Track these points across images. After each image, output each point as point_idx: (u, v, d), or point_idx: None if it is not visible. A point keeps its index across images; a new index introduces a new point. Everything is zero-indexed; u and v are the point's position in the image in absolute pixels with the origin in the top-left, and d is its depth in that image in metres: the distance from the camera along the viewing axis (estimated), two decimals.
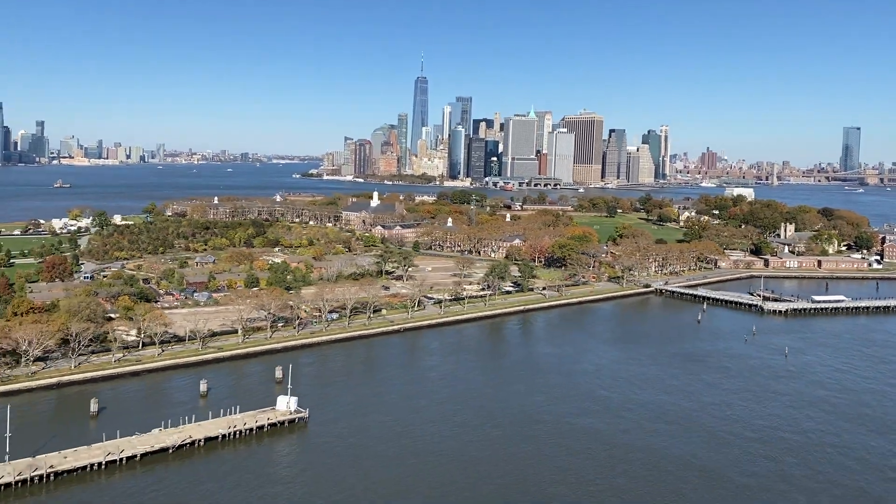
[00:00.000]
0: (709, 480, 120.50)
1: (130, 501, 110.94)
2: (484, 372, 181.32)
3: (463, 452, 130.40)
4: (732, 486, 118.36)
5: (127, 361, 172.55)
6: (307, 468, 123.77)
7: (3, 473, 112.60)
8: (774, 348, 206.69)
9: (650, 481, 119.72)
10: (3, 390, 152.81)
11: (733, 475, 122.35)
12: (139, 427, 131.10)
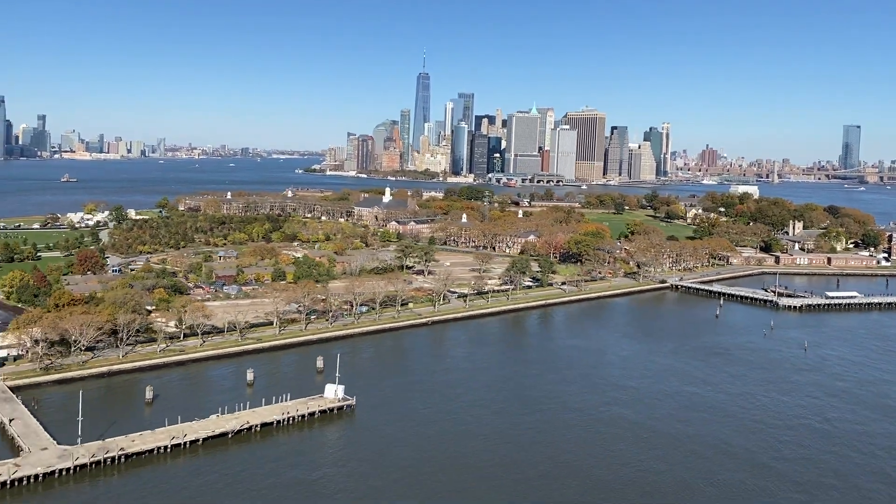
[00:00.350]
0: (744, 465, 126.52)
1: (197, 482, 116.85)
2: (514, 363, 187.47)
3: (505, 435, 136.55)
4: (767, 471, 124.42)
5: (171, 351, 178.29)
6: (359, 451, 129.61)
7: (78, 455, 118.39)
8: (793, 342, 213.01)
9: (688, 466, 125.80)
10: (58, 378, 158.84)
11: (767, 460, 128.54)
12: (193, 413, 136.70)
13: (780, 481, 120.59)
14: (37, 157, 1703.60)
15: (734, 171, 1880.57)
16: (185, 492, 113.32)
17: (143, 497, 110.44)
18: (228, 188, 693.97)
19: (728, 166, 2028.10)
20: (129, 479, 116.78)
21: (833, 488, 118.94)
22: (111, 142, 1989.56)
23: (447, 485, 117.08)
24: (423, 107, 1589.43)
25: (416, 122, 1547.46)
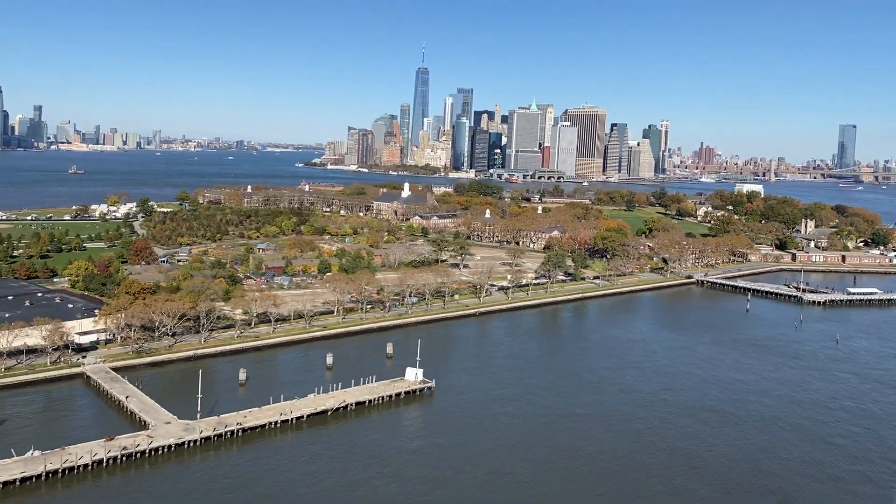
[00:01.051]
0: (813, 441, 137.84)
1: (309, 450, 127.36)
2: (569, 351, 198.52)
3: (576, 413, 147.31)
4: (833, 447, 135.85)
5: (247, 337, 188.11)
6: (448, 426, 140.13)
7: (201, 428, 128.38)
8: (824, 335, 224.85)
9: (768, 438, 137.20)
10: (150, 361, 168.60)
11: (830, 437, 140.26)
12: (284, 393, 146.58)
13: (848, 458, 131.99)
14: (34, 148, 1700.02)
15: (731, 170, 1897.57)
16: (300, 460, 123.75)
17: (261, 466, 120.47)
18: (234, 181, 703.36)
19: (724, 164, 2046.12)
20: (247, 451, 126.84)
21: (889, 459, 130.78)
22: (106, 133, 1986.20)
23: (535, 457, 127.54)
24: (421, 102, 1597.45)
25: (415, 117, 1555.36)
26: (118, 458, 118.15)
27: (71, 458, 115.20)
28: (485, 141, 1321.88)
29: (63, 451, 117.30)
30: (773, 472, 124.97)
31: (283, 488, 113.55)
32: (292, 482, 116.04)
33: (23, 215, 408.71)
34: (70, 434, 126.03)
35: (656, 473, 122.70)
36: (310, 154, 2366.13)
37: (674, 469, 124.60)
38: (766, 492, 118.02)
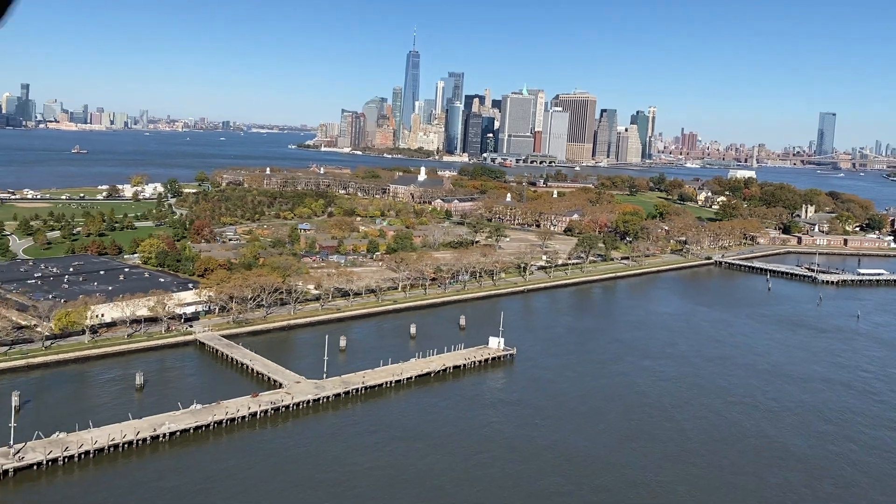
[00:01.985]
0: (858, 394, 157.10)
1: (426, 404, 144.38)
2: (622, 326, 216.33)
3: (646, 374, 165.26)
4: (876, 398, 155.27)
5: (328, 310, 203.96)
6: (531, 386, 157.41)
7: (329, 387, 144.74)
8: (844, 312, 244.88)
9: (826, 398, 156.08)
10: (249, 330, 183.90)
11: (870, 391, 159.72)
12: (381, 359, 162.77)
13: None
14: (22, 126, 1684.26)
15: (714, 156, 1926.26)
16: (422, 410, 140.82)
17: (382, 418, 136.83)
18: (233, 162, 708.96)
19: (706, 150, 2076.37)
20: (369, 407, 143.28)
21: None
22: (94, 113, 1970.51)
23: (617, 413, 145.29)
24: (412, 85, 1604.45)
25: (406, 101, 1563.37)
26: (268, 411, 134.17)
27: (230, 411, 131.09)
28: (478, 125, 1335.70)
29: (219, 405, 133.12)
30: None
31: (419, 430, 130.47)
32: (422, 425, 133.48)
33: (56, 195, 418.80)
34: (212, 391, 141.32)
35: (751, 428, 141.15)
36: (295, 136, 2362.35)
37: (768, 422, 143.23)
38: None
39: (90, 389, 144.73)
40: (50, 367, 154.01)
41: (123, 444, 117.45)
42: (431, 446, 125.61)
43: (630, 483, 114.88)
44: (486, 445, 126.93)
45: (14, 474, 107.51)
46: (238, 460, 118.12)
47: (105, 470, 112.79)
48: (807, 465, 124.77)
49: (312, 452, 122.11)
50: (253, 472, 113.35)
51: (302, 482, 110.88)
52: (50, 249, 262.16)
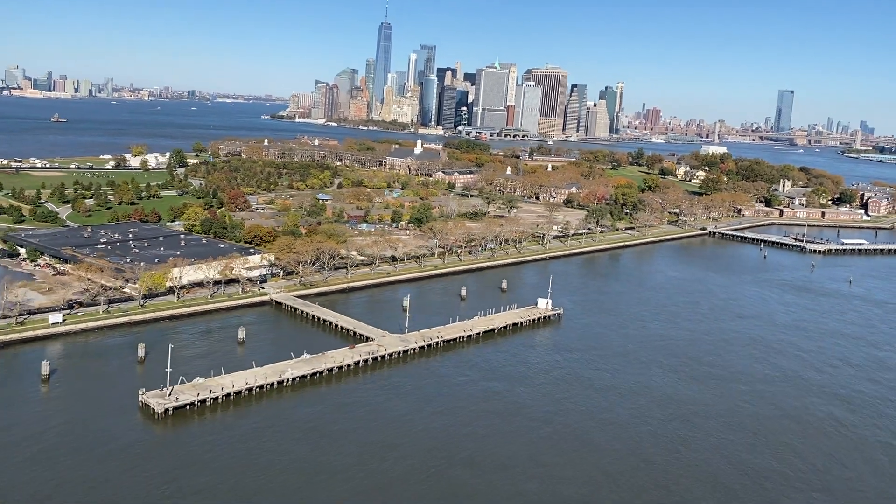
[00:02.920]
0: (866, 345, 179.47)
1: (482, 359, 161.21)
2: (644, 288, 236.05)
3: (679, 330, 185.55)
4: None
5: (379, 274, 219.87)
6: (582, 339, 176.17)
7: (413, 340, 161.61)
8: (837, 277, 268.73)
9: (849, 351, 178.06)
10: (316, 291, 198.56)
11: (878, 342, 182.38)
12: (441, 319, 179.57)
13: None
14: None
15: (677, 131, 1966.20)
16: (490, 359, 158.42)
17: (461, 367, 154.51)
18: (215, 133, 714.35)
19: (668, 125, 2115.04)
20: (447, 358, 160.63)
21: None
22: (57, 80, 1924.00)
23: (656, 360, 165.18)
24: (384, 57, 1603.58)
25: (378, 73, 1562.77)
26: (367, 360, 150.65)
27: (336, 360, 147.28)
28: (452, 98, 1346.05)
29: (324, 356, 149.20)
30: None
31: (503, 372, 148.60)
32: (504, 367, 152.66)
33: (63, 163, 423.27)
34: (305, 344, 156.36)
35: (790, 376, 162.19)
36: (262, 106, 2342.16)
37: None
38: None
39: (198, 342, 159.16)
40: (149, 323, 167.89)
41: (255, 388, 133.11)
42: (517, 383, 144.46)
43: (693, 410, 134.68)
44: (566, 382, 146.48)
45: (172, 412, 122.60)
46: (360, 395, 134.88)
47: (245, 408, 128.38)
48: (838, 398, 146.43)
49: (420, 389, 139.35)
50: (374, 405, 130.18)
51: (418, 411, 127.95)
52: (91, 217, 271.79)
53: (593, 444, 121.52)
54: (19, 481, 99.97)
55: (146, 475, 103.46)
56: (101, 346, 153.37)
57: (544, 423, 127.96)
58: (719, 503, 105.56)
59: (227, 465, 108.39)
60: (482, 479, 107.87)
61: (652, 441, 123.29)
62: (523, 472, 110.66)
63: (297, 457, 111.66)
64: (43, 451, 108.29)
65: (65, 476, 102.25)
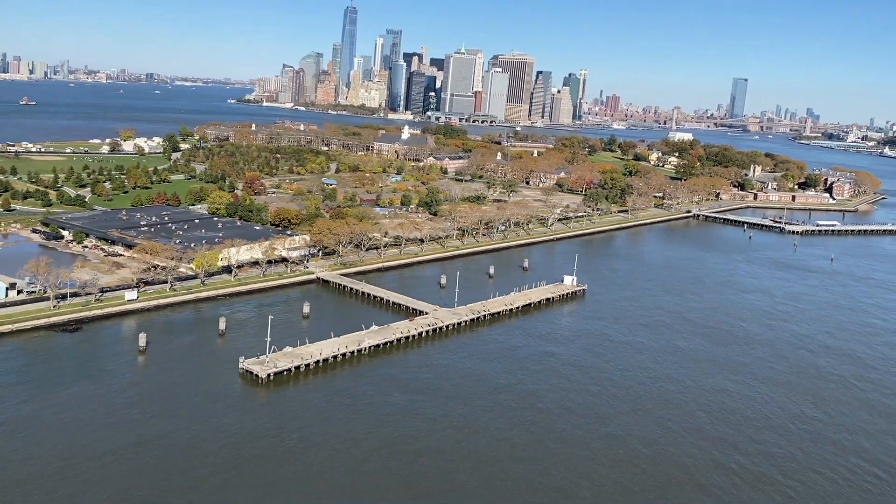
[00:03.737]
0: (859, 314, 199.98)
1: (528, 328, 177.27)
2: (652, 267, 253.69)
3: (688, 303, 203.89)
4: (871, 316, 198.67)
5: (408, 254, 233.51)
6: (610, 312, 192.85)
7: (463, 314, 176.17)
8: (818, 256, 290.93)
9: (842, 317, 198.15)
10: (355, 271, 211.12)
11: (870, 310, 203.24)
12: (479, 295, 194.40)
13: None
14: None
15: (636, 117, 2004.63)
16: (532, 330, 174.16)
17: (512, 335, 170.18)
18: (187, 117, 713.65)
19: (626, 112, 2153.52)
20: (496, 328, 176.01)
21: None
22: (11, 61, 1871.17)
23: (680, 328, 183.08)
24: (350, 41, 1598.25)
25: (345, 57, 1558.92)
26: (428, 331, 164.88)
27: (402, 331, 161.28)
28: (421, 83, 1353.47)
29: (389, 328, 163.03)
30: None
31: (553, 335, 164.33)
32: (552, 333, 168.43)
33: (59, 147, 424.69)
34: (366, 317, 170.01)
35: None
36: (222, 89, 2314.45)
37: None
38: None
39: (266, 316, 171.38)
40: (212, 300, 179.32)
41: (339, 355, 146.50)
42: (564, 346, 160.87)
43: (731, 367, 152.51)
44: (607, 346, 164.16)
45: (273, 377, 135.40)
46: (433, 358, 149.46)
47: (335, 372, 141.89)
48: (841, 353, 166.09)
49: (484, 353, 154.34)
50: (447, 364, 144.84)
51: (489, 369, 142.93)
52: (112, 201, 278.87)
53: (646, 394, 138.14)
54: (173, 431, 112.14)
55: (266, 426, 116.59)
56: (178, 321, 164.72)
57: (597, 379, 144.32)
58: (781, 436, 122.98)
59: (339, 415, 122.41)
60: (566, 421, 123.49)
61: (698, 393, 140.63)
62: (597, 419, 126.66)
63: (397, 408, 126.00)
64: (167, 410, 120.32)
65: (194, 427, 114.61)
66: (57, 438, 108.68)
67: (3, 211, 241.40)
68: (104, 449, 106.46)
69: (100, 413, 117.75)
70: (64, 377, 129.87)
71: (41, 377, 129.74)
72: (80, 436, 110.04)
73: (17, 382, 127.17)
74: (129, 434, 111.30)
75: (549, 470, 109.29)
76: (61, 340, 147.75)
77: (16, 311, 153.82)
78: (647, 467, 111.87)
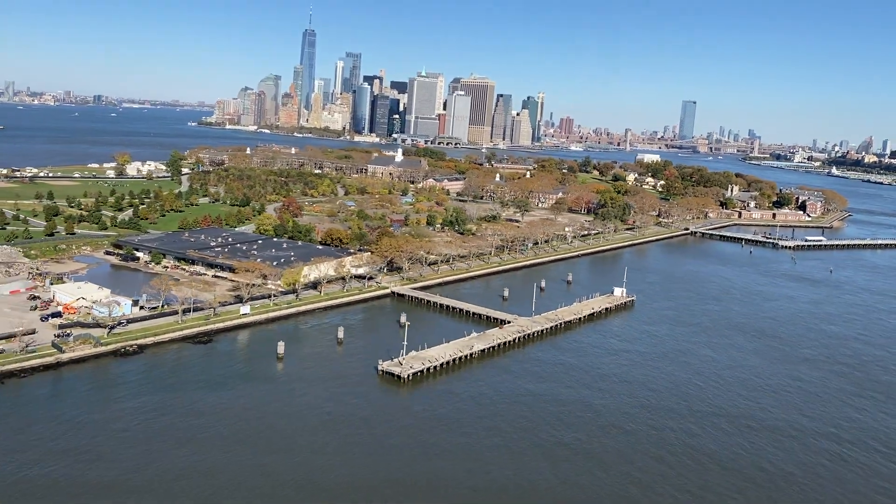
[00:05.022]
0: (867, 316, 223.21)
1: (600, 335, 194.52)
2: (677, 279, 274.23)
3: (730, 312, 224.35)
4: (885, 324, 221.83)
5: (459, 270, 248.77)
6: (662, 319, 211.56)
7: (542, 322, 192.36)
8: (817, 268, 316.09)
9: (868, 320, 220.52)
10: (419, 286, 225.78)
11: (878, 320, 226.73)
12: (544, 306, 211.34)
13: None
14: None
15: (591, 139, 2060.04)
16: (611, 334, 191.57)
17: (596, 338, 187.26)
18: (154, 140, 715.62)
19: (581, 134, 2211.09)
20: (576, 333, 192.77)
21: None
22: None
23: (732, 331, 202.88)
24: (309, 64, 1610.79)
25: (305, 80, 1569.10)
26: (518, 338, 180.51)
27: (498, 336, 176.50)
28: (385, 106, 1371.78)
29: (485, 335, 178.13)
30: None
31: (626, 335, 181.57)
32: (624, 333, 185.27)
33: (67, 172, 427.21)
34: (457, 328, 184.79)
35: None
36: (171, 111, 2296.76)
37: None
38: None
39: (371, 325, 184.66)
40: (308, 313, 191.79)
41: (455, 359, 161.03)
42: (646, 345, 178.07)
43: (801, 358, 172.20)
44: (676, 346, 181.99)
45: (410, 378, 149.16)
46: (540, 355, 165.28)
47: (458, 372, 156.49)
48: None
49: (584, 351, 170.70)
50: (556, 361, 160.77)
51: (596, 363, 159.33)
52: (156, 224, 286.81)
53: (730, 379, 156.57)
54: (351, 414, 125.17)
55: (426, 416, 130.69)
56: (293, 331, 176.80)
57: (683, 366, 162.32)
58: (857, 409, 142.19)
59: (482, 402, 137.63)
60: (665, 399, 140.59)
61: (774, 382, 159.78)
62: (698, 397, 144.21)
63: (533, 395, 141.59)
64: (337, 398, 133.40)
65: (364, 412, 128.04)
66: (262, 422, 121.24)
67: (65, 234, 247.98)
68: (304, 425, 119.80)
69: (282, 402, 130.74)
70: (230, 379, 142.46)
71: (209, 380, 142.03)
72: (278, 419, 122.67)
73: (197, 385, 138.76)
74: (312, 417, 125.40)
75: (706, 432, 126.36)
76: (200, 350, 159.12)
77: (150, 325, 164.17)
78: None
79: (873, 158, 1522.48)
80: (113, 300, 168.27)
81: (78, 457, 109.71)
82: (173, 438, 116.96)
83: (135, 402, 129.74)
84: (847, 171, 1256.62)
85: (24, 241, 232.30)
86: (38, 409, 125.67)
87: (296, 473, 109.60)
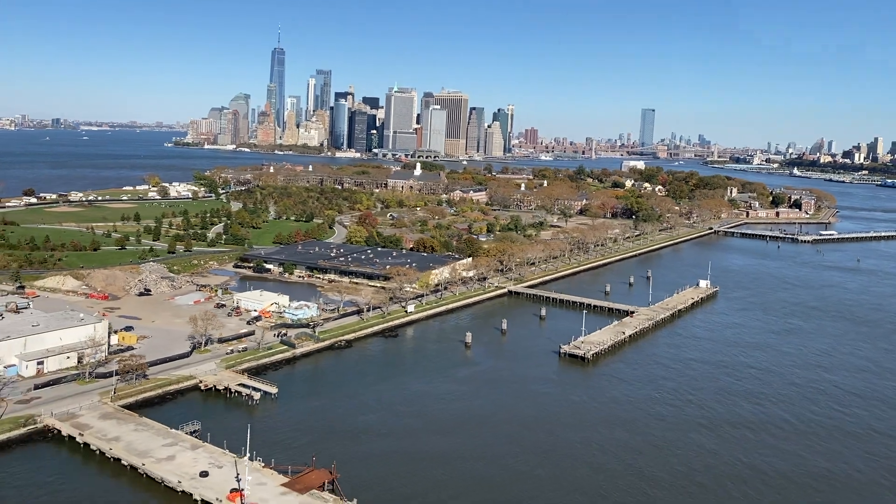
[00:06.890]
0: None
1: (714, 317, 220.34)
2: (733, 273, 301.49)
3: (803, 298, 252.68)
4: None
5: (548, 271, 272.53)
6: (749, 307, 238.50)
7: (659, 310, 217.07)
8: (843, 259, 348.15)
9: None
10: (527, 284, 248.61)
11: None
12: (633, 300, 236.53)
13: None
14: None
15: (557, 148, 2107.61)
16: (714, 316, 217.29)
17: (709, 322, 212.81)
18: (149, 163, 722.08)
19: (546, 143, 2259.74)
20: (690, 318, 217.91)
21: None
22: None
23: (819, 312, 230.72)
24: (279, 82, 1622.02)
25: (278, 98, 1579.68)
26: (649, 326, 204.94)
27: (635, 324, 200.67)
28: (363, 122, 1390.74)
29: (623, 322, 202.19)
30: None
31: (730, 322, 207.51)
32: (728, 316, 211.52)
33: (114, 195, 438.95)
34: (588, 319, 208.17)
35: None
36: (131, 133, 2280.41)
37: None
38: None
39: (516, 317, 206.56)
40: (452, 311, 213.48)
41: (616, 342, 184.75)
42: (748, 326, 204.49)
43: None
44: (761, 329, 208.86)
45: (591, 358, 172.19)
46: (687, 331, 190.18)
47: (618, 353, 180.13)
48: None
49: (712, 332, 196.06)
50: (700, 336, 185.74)
51: (731, 338, 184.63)
52: (251, 240, 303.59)
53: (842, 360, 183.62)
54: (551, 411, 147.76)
55: (626, 388, 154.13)
56: (456, 325, 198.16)
57: (803, 337, 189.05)
58: None
59: (674, 369, 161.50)
60: (809, 359, 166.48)
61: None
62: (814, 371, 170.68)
63: (698, 361, 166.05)
64: (541, 383, 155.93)
65: (575, 394, 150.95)
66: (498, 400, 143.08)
67: (184, 251, 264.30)
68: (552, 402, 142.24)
69: (505, 378, 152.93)
70: (443, 365, 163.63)
71: (428, 365, 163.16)
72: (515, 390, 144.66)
73: (416, 370, 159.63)
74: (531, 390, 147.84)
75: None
76: (394, 343, 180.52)
77: (342, 324, 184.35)
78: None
79: (828, 158, 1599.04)
80: (303, 304, 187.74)
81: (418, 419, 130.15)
82: (471, 406, 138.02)
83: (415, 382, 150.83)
84: (807, 172, 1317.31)
85: (161, 258, 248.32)
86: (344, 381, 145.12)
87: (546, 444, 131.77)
